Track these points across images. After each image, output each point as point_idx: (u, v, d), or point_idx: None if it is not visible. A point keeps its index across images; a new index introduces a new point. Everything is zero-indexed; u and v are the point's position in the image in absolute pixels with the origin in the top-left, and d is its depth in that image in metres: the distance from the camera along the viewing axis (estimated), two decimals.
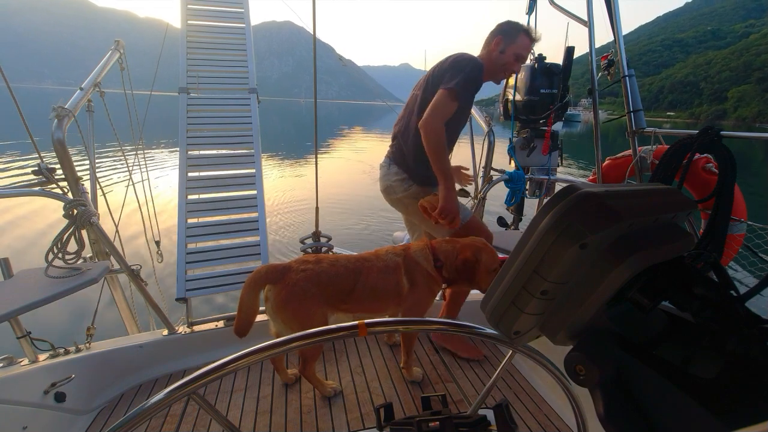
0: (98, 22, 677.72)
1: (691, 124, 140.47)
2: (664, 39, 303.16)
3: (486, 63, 1.69)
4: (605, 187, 0.49)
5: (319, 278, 1.40)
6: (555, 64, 2.53)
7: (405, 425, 0.70)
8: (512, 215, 2.85)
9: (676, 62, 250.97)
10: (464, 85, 1.56)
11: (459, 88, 1.55)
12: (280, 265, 1.44)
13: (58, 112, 1.68)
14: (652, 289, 0.50)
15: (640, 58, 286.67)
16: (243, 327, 1.42)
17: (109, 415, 1.56)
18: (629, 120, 2.16)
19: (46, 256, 1.51)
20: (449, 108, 1.57)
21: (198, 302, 1.93)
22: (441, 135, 1.56)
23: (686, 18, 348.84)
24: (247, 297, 1.40)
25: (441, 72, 1.65)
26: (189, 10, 2.41)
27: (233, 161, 2.23)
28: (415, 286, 1.53)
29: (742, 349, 0.45)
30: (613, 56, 2.16)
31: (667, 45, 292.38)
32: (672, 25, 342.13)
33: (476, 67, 1.61)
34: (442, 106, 1.55)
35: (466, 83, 1.57)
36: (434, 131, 1.55)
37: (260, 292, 1.43)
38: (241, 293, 1.41)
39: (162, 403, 0.54)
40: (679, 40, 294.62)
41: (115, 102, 2.39)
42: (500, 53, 1.71)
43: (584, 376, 0.46)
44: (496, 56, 1.72)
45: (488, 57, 1.73)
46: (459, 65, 1.61)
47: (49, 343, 1.59)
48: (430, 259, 1.54)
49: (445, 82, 1.57)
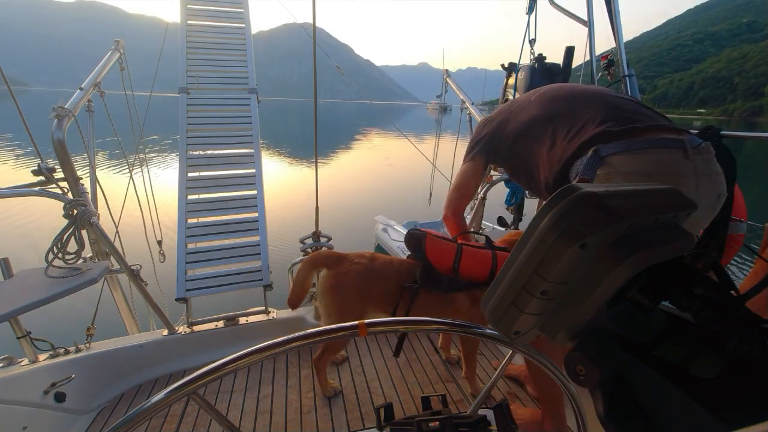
0: (130, 28, 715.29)
1: (723, 122, 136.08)
2: (695, 32, 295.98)
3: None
4: (605, 187, 0.49)
5: (369, 275, 1.43)
6: (555, 64, 2.53)
7: (405, 425, 0.70)
8: (512, 215, 2.85)
9: (707, 57, 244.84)
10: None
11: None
12: (339, 254, 1.51)
13: (58, 112, 1.68)
14: (652, 289, 0.50)
15: (668, 53, 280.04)
16: (294, 300, 1.58)
17: (109, 415, 1.56)
18: None
19: (46, 256, 1.51)
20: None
21: (198, 302, 1.93)
22: None
23: (719, 10, 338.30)
24: (303, 274, 1.53)
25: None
26: (189, 10, 2.41)
27: (233, 161, 2.23)
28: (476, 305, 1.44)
29: (742, 349, 0.45)
30: (613, 56, 2.16)
31: (698, 39, 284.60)
32: (703, 18, 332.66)
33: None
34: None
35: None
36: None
37: (314, 273, 1.56)
38: (298, 269, 1.56)
39: (162, 403, 0.54)
40: (711, 33, 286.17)
41: (118, 102, 2.40)
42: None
43: (584, 376, 0.46)
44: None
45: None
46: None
47: (49, 343, 1.59)
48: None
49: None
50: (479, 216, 2.53)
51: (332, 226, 2.69)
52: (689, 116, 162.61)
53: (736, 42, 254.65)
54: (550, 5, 2.56)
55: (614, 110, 1.15)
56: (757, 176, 11.55)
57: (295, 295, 1.57)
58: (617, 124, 1.10)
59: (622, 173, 1.04)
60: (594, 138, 1.10)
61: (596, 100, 1.22)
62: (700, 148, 1.07)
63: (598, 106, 1.19)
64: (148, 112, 2.64)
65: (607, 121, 1.12)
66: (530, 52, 2.49)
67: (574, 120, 1.18)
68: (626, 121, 1.11)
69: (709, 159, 1.07)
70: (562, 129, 1.20)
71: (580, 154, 1.12)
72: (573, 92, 1.30)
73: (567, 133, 1.18)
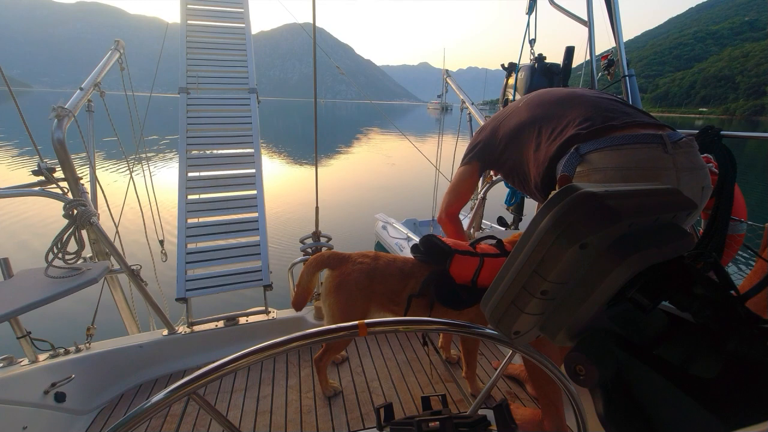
0: (131, 28, 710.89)
1: (725, 121, 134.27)
2: (697, 31, 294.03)
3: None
4: (605, 187, 0.49)
5: (372, 274, 1.43)
6: (555, 64, 2.53)
7: (405, 425, 0.70)
8: (512, 215, 2.85)
9: (709, 55, 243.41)
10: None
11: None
12: (342, 254, 1.51)
13: (58, 112, 1.68)
14: (652, 289, 0.50)
15: (670, 52, 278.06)
16: (298, 302, 1.59)
17: (109, 415, 1.56)
18: None
19: (46, 256, 1.51)
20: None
21: (198, 302, 1.93)
22: None
23: (721, 9, 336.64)
24: (306, 275, 1.52)
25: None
26: (189, 10, 2.41)
27: (233, 161, 2.23)
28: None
29: (742, 349, 0.45)
30: (613, 56, 2.16)
31: (700, 37, 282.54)
32: (705, 16, 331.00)
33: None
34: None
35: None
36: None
37: (318, 274, 1.55)
38: (302, 271, 1.53)
39: (162, 403, 0.54)
40: (713, 32, 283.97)
41: (118, 102, 2.40)
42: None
43: (584, 376, 0.46)
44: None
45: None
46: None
47: (49, 343, 1.59)
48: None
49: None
50: (479, 216, 2.53)
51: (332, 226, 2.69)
52: (691, 115, 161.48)
53: (738, 41, 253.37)
54: (550, 5, 2.56)
55: (594, 109, 1.19)
56: (759, 176, 11.55)
57: (300, 297, 1.58)
58: (596, 123, 1.14)
59: (601, 169, 1.07)
60: (573, 137, 1.14)
61: (578, 101, 1.26)
62: (681, 143, 1.08)
63: (579, 107, 1.23)
64: (148, 112, 2.64)
65: (587, 121, 1.16)
66: (530, 52, 2.49)
67: (557, 121, 1.23)
68: (605, 119, 1.14)
69: (690, 153, 1.09)
70: (546, 131, 1.25)
71: (562, 154, 1.16)
72: (557, 95, 1.34)
73: (551, 134, 1.22)
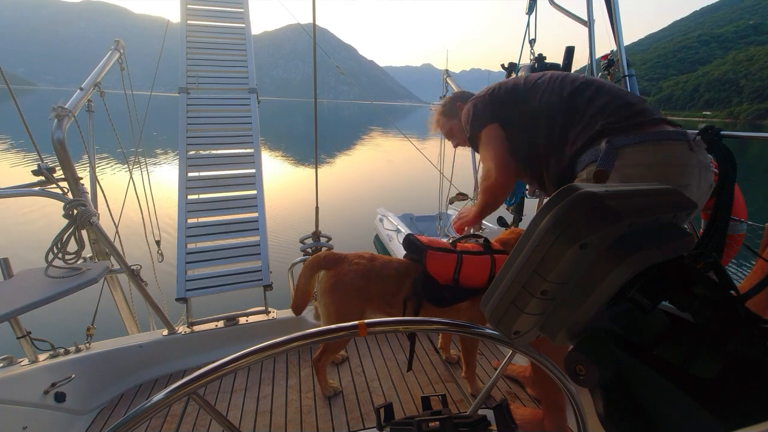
0: (136, 27, 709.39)
1: (729, 124, 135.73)
2: (701, 34, 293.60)
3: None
4: (605, 187, 0.49)
5: (368, 275, 1.43)
6: (555, 64, 2.53)
7: (405, 425, 0.70)
8: (512, 215, 2.85)
9: (713, 59, 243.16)
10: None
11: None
12: (338, 255, 1.51)
13: (58, 112, 1.68)
14: (652, 289, 0.50)
15: (674, 55, 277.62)
16: (298, 305, 1.58)
17: (109, 415, 1.56)
18: None
19: (46, 256, 1.51)
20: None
21: (198, 302, 1.93)
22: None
23: (725, 12, 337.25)
24: (303, 278, 1.52)
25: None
26: (189, 10, 2.41)
27: (233, 161, 2.23)
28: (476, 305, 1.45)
29: (742, 349, 0.45)
30: (613, 56, 2.16)
31: (704, 41, 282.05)
32: (709, 20, 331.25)
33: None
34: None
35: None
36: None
37: (317, 276, 1.53)
38: (300, 275, 1.54)
39: (162, 403, 0.54)
40: (717, 35, 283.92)
41: (119, 102, 2.40)
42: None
43: (584, 376, 0.46)
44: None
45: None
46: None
47: (49, 343, 1.59)
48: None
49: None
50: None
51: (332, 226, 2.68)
52: (694, 119, 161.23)
53: (743, 44, 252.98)
54: (550, 5, 2.56)
55: (622, 102, 1.17)
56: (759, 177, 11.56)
57: (299, 301, 1.58)
58: (626, 117, 1.12)
59: (638, 164, 1.06)
60: (605, 130, 1.11)
61: (604, 91, 1.22)
62: (698, 141, 1.11)
63: (604, 95, 1.19)
64: (150, 112, 2.64)
65: (615, 113, 1.13)
66: (530, 52, 2.49)
67: (584, 110, 1.19)
68: (635, 114, 1.13)
69: (705, 152, 1.13)
70: (573, 118, 1.20)
71: (590, 145, 1.13)
72: (579, 81, 1.27)
73: (578, 122, 1.18)
